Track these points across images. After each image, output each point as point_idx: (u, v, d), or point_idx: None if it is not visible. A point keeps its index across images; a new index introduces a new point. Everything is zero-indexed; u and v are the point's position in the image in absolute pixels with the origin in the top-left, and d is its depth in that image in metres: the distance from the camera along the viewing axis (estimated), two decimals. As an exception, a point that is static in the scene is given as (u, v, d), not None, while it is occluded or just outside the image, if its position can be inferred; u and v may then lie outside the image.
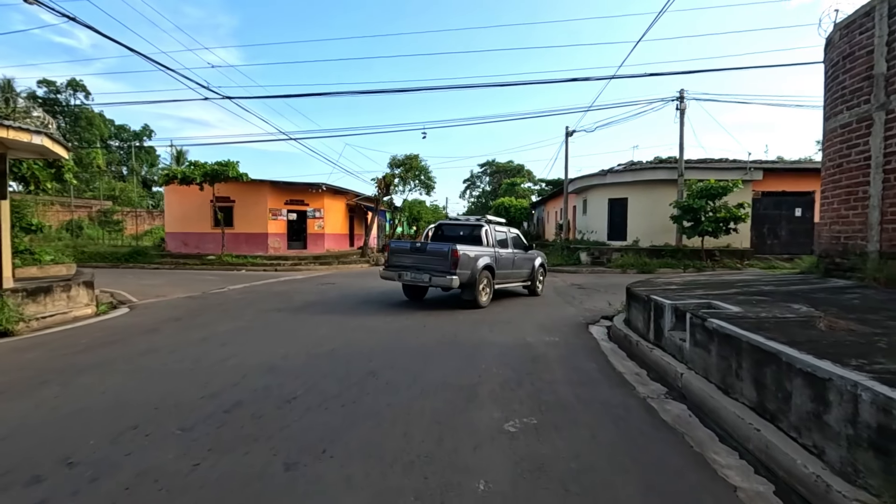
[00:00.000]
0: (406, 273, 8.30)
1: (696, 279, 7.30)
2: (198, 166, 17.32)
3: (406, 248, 8.68)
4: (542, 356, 4.99)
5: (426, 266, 8.13)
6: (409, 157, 25.79)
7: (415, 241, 8.74)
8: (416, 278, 8.18)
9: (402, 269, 8.39)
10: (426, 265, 8.14)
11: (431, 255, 8.14)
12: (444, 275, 7.87)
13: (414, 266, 8.30)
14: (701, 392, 3.67)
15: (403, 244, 8.94)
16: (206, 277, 14.42)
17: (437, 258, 8.02)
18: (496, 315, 7.62)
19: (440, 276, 7.89)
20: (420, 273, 8.14)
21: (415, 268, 8.27)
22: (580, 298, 10.04)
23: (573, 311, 8.36)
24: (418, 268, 8.23)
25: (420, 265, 8.22)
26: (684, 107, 18.11)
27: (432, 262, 8.08)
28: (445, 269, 7.89)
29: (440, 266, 7.95)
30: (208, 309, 8.00)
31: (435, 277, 7.94)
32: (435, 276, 7.94)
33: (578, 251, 19.31)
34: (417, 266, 8.26)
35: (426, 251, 8.26)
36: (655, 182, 19.12)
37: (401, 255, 8.57)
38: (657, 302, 5.08)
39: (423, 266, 8.18)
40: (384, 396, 3.53)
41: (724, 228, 16.22)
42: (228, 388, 3.62)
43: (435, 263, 8.03)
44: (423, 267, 8.17)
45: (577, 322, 7.27)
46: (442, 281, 7.87)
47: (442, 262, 7.94)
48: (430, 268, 8.07)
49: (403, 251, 8.60)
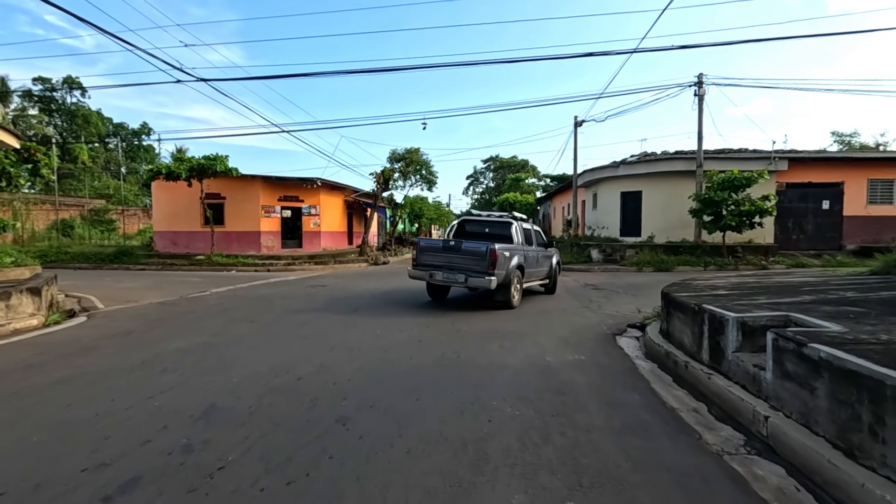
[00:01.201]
0: (438, 273, 7.80)
1: (744, 281, 6.17)
2: (184, 160, 16.29)
3: (438, 246, 8.16)
4: (569, 385, 3.89)
5: (461, 266, 7.65)
6: (410, 150, 24.69)
7: (447, 240, 8.26)
8: (450, 278, 7.68)
9: (434, 268, 7.88)
10: (461, 265, 7.66)
11: (467, 255, 7.63)
12: (481, 275, 7.41)
13: (447, 266, 7.80)
14: (805, 450, 2.57)
15: (435, 242, 8.44)
16: (190, 279, 13.40)
17: (474, 258, 7.54)
18: (506, 324, 6.52)
19: (478, 277, 7.42)
20: (454, 273, 7.64)
21: (447, 267, 7.78)
22: (598, 302, 8.93)
23: (594, 317, 7.25)
24: (451, 267, 7.73)
25: (454, 265, 7.73)
26: (703, 92, 16.87)
27: (468, 262, 7.60)
28: (483, 270, 7.44)
29: (477, 266, 7.49)
30: (173, 318, 6.95)
31: (472, 278, 7.47)
32: (472, 277, 7.47)
33: (589, 248, 18.16)
34: (450, 266, 7.76)
35: (461, 250, 7.71)
36: (672, 174, 17.91)
37: (432, 253, 8.07)
38: (714, 314, 3.96)
39: (457, 266, 7.69)
40: (352, 462, 2.45)
41: (748, 223, 15.03)
42: (132, 449, 2.54)
43: (471, 263, 7.56)
44: (457, 266, 7.68)
45: (601, 333, 6.16)
46: (480, 282, 7.41)
47: (479, 261, 7.48)
48: (465, 267, 7.60)
49: (435, 249, 8.10)
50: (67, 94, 48.04)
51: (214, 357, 4.56)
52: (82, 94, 48.34)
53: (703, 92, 16.83)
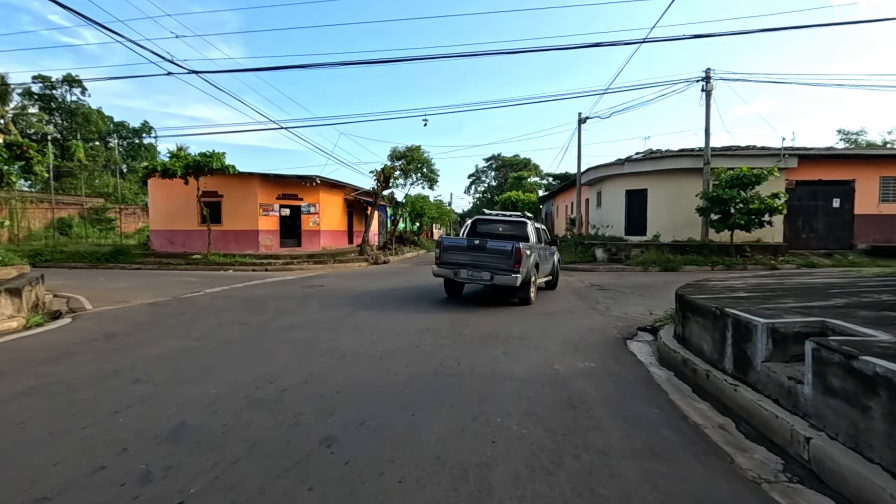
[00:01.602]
0: (462, 270, 7.97)
1: (764, 282, 5.80)
2: (181, 157, 15.98)
3: (462, 245, 8.21)
4: (580, 396, 3.54)
5: (486, 264, 7.81)
6: (411, 148, 24.34)
7: (472, 239, 8.32)
8: (474, 276, 7.86)
9: (458, 266, 8.04)
10: (486, 263, 7.82)
11: (492, 253, 7.80)
12: (507, 273, 7.63)
13: (471, 264, 7.95)
14: (859, 479, 2.24)
15: (459, 241, 8.45)
16: (185, 279, 13.09)
17: (500, 256, 7.72)
18: (511, 328, 6.17)
19: (504, 275, 7.62)
20: (479, 271, 7.82)
21: (472, 266, 7.93)
22: (605, 303, 8.57)
23: (601, 320, 6.90)
24: (476, 266, 7.89)
25: (478, 263, 7.88)
26: (710, 87, 16.47)
27: (493, 261, 7.77)
28: (508, 268, 7.64)
29: (502, 264, 7.69)
30: (161, 320, 6.63)
31: (498, 276, 7.65)
32: (498, 275, 7.66)
33: (594, 247, 17.78)
34: (475, 264, 7.91)
35: (486, 249, 7.87)
36: (678, 171, 17.52)
37: (456, 252, 8.20)
38: (740, 319, 3.61)
39: (481, 264, 7.85)
40: (335, 495, 2.11)
41: (757, 221, 14.63)
42: (81, 479, 2.20)
43: (496, 262, 7.74)
44: (481, 265, 7.85)
45: (610, 337, 5.81)
46: (506, 279, 7.60)
47: (505, 260, 7.68)
48: (490, 266, 7.77)
49: (459, 248, 8.20)
50: (67, 93, 47.88)
51: (195, 365, 4.23)
52: (82, 93, 48.20)
53: (711, 87, 16.42)
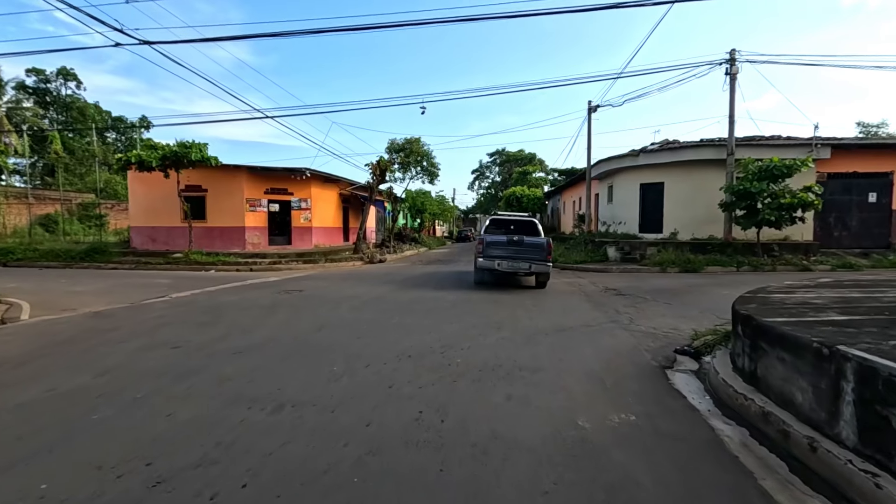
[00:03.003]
0: (503, 262, 9.53)
1: (846, 295, 4.47)
2: (158, 148, 14.75)
3: (503, 241, 9.74)
4: (627, 487, 2.26)
5: (524, 256, 9.50)
6: (410, 140, 23.03)
7: (510, 236, 9.86)
8: (514, 266, 9.51)
9: (499, 258, 9.57)
10: (524, 255, 9.51)
11: (529, 247, 9.56)
12: (543, 262, 9.45)
13: (510, 256, 9.55)
14: None
15: (499, 238, 9.89)
16: (157, 281, 11.89)
17: (536, 249, 9.54)
18: (517, 351, 4.88)
19: (540, 264, 9.43)
20: (517, 262, 9.49)
21: (511, 258, 9.53)
22: (627, 313, 7.27)
23: (627, 338, 5.60)
24: (514, 257, 9.52)
25: (517, 255, 9.53)
26: (735, 70, 15.02)
27: (530, 253, 9.51)
28: (542, 258, 9.47)
29: (538, 255, 9.48)
30: (84, 339, 5.38)
31: (535, 265, 9.42)
32: (535, 264, 9.42)
33: (605, 246, 16.43)
34: (514, 256, 9.53)
35: (524, 244, 9.59)
36: (698, 163, 16.11)
37: (497, 247, 9.72)
38: (876, 368, 2.31)
39: (520, 256, 9.50)
40: None
41: (788, 217, 13.24)
42: None
43: (533, 253, 9.50)
44: (520, 256, 9.50)
45: (644, 363, 4.52)
46: (542, 268, 9.44)
47: (540, 252, 9.51)
48: (528, 257, 9.48)
49: (499, 244, 9.72)
50: (62, 87, 46.91)
51: (58, 423, 2.95)
52: (77, 86, 47.23)
53: (737, 70, 14.98)
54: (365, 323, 6.28)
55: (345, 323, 6.26)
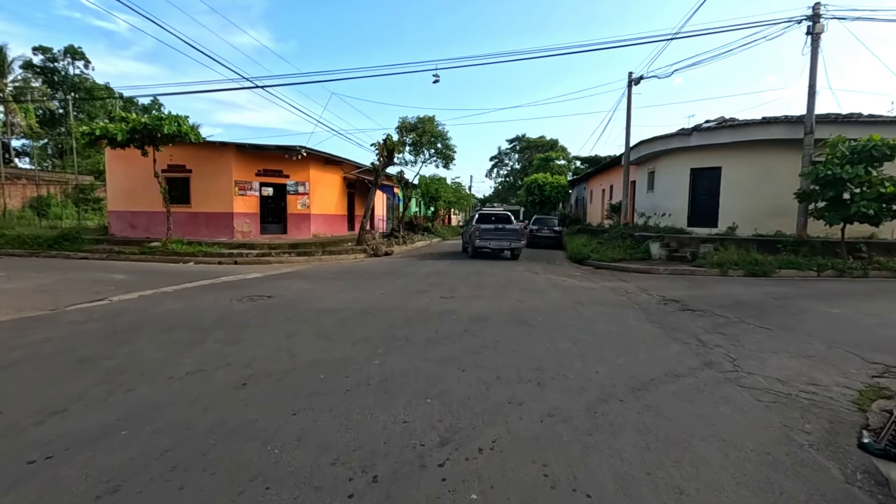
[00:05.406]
0: (492, 242, 14.60)
1: None
2: (129, 120, 12.76)
3: (491, 228, 14.74)
4: None
5: (506, 237, 14.56)
6: (423, 119, 20.65)
7: (497, 224, 15.11)
8: (501, 245, 14.62)
9: (489, 240, 14.60)
10: (506, 237, 14.56)
11: (509, 231, 14.70)
12: (517, 241, 14.64)
13: (496, 238, 14.58)
14: None
15: (489, 226, 14.88)
16: (114, 276, 9.98)
17: (513, 233, 14.70)
18: (548, 445, 2.65)
19: (516, 242, 14.60)
20: (501, 241, 14.57)
21: (496, 239, 14.58)
22: (720, 346, 4.95)
23: (757, 408, 3.30)
24: (499, 239, 14.57)
25: (501, 237, 14.56)
26: (820, 29, 12.21)
27: (510, 235, 14.59)
28: (518, 238, 14.72)
29: (514, 237, 14.60)
30: None
31: (513, 243, 14.56)
32: (513, 242, 14.56)
33: (648, 241, 13.94)
34: (499, 238, 14.57)
35: (505, 230, 14.70)
36: (764, 144, 13.42)
37: (489, 232, 14.63)
38: None
39: (503, 237, 14.56)
40: None
41: (890, 211, 10.59)
42: None
43: (512, 235, 14.60)
44: (503, 238, 14.56)
45: (819, 470, 2.21)
46: (518, 245, 14.67)
47: (516, 234, 14.71)
48: (508, 238, 14.56)
49: (489, 231, 14.66)
50: (70, 66, 45.72)
51: None
52: (85, 66, 46.02)
53: (821, 28, 12.17)
54: (326, 368, 4.08)
55: (294, 368, 4.07)
